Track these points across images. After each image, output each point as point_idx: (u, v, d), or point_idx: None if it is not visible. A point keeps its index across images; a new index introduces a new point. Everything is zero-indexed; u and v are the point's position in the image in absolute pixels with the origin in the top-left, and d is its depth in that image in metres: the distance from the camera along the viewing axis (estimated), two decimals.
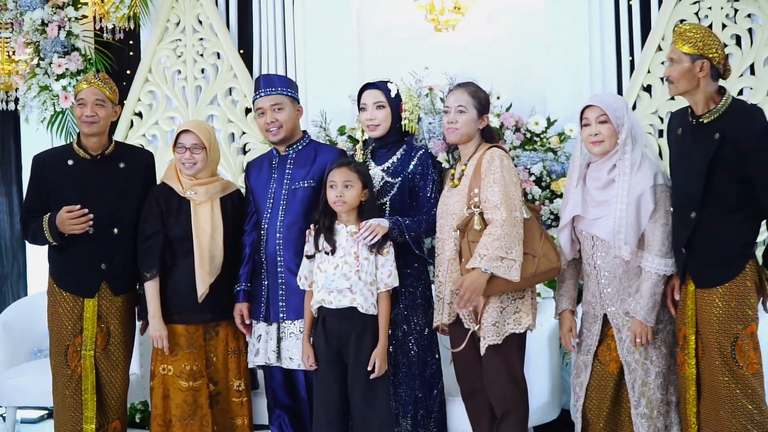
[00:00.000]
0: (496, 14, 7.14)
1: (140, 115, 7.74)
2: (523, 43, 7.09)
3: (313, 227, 5.31)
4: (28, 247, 8.10)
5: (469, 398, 5.38)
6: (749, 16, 6.40)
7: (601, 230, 4.91)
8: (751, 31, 6.40)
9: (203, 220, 5.49)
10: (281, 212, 5.52)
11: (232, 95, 7.56)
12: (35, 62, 7.67)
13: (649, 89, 6.58)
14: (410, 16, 6.96)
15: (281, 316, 5.50)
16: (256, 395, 5.96)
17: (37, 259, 7.89)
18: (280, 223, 5.50)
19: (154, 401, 5.58)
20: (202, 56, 7.59)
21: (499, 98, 6.65)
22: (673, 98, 6.14)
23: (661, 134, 6.48)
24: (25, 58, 7.74)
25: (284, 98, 5.55)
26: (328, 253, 5.23)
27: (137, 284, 5.69)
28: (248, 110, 7.01)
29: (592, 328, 5.10)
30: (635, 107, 6.57)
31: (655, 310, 4.80)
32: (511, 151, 6.47)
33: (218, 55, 7.57)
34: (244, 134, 7.44)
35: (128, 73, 7.82)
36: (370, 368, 5.16)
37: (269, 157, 5.74)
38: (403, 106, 5.50)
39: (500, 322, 5.05)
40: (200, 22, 7.59)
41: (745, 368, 4.61)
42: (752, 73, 6.39)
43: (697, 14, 6.51)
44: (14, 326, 6.84)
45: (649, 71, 6.60)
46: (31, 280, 8.22)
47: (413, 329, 5.41)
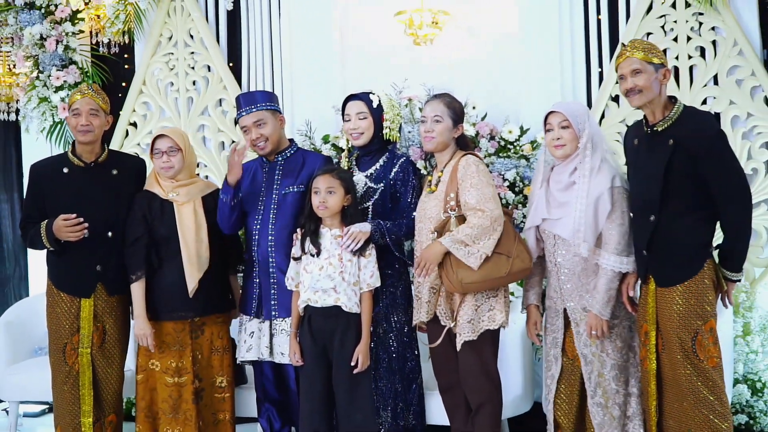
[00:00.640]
0: (471, 28, 7.12)
1: (135, 125, 7.74)
2: (497, 56, 7.07)
3: (299, 231, 5.34)
4: (29, 250, 8.09)
5: (446, 391, 5.41)
6: (713, 28, 6.41)
7: (562, 230, 4.96)
8: (714, 43, 6.41)
9: (187, 219, 5.51)
10: (272, 216, 5.54)
11: (222, 106, 7.56)
12: (35, 75, 7.67)
13: (617, 99, 6.60)
14: (390, 30, 6.94)
15: (273, 313, 5.53)
16: (245, 389, 5.99)
17: (37, 262, 7.89)
18: (271, 226, 5.53)
19: (140, 394, 5.61)
20: (193, 69, 7.59)
21: (474, 108, 6.67)
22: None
23: None
24: (25, 71, 7.73)
25: (265, 113, 5.56)
26: (313, 255, 5.25)
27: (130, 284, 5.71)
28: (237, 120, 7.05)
29: (555, 322, 5.16)
30: (604, 116, 6.59)
31: (609, 304, 4.85)
32: (486, 158, 6.48)
33: (209, 68, 7.57)
34: (233, 142, 7.45)
35: (123, 85, 7.81)
36: (353, 364, 5.19)
37: (259, 162, 5.75)
38: (384, 116, 5.53)
39: (475, 319, 5.09)
40: (191, 36, 7.60)
41: (705, 362, 4.65)
42: (716, 83, 6.40)
43: (663, 27, 6.52)
44: (16, 325, 6.83)
45: (617, 82, 6.62)
46: (32, 282, 8.22)
47: (393, 327, 5.45)
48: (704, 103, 6.38)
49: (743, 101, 6.29)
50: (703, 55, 6.45)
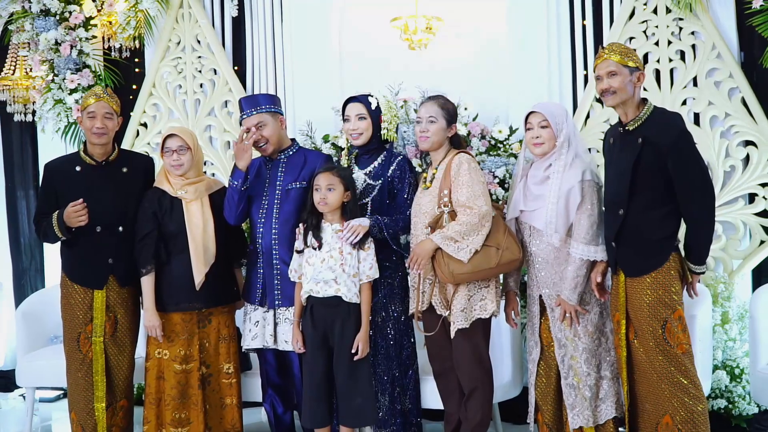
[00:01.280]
0: (463, 33, 7.12)
1: (145, 125, 7.74)
2: (487, 59, 7.08)
3: (302, 225, 5.37)
4: (44, 245, 8.11)
5: (440, 377, 5.44)
6: (693, 33, 6.38)
7: (536, 221, 5.03)
8: (694, 47, 6.39)
9: (195, 215, 5.53)
10: (276, 211, 5.56)
11: (227, 107, 7.55)
12: (50, 78, 7.68)
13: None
14: (386, 36, 6.92)
15: (277, 303, 5.55)
16: (249, 375, 6.02)
17: (52, 255, 7.95)
18: (275, 220, 5.55)
19: (148, 381, 5.62)
20: (200, 72, 7.59)
21: (466, 109, 6.65)
22: None
23: None
24: (41, 74, 7.73)
25: (266, 115, 5.59)
26: (315, 248, 5.29)
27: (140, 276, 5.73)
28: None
29: (533, 308, 5.21)
30: (589, 116, 6.58)
31: (576, 290, 4.90)
32: (477, 156, 6.48)
33: (215, 71, 7.56)
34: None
35: (134, 87, 7.81)
36: (353, 351, 5.22)
37: (262, 160, 5.76)
38: (382, 117, 5.55)
39: (468, 308, 5.12)
40: (198, 41, 7.59)
41: (675, 348, 4.70)
42: (695, 85, 6.38)
43: (645, 32, 6.49)
44: (32, 315, 6.87)
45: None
46: (47, 274, 8.24)
47: (391, 316, 5.48)
48: (684, 103, 6.38)
49: (721, 102, 6.29)
50: (683, 58, 6.43)
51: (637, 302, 4.77)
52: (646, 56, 6.52)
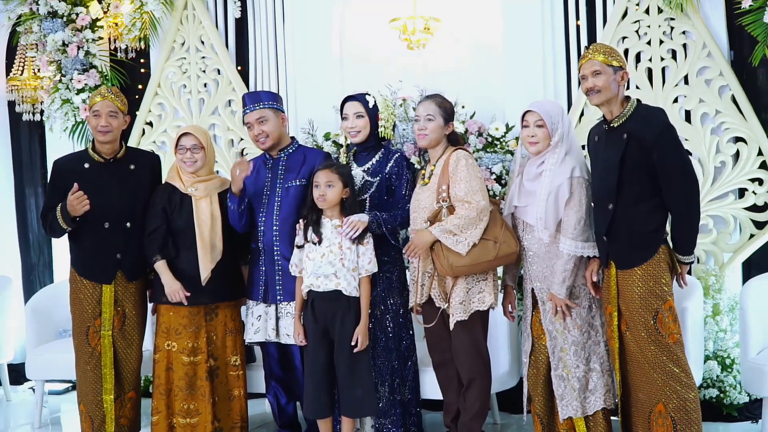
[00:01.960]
0: (460, 33, 7.13)
1: (151, 124, 7.74)
2: (484, 59, 7.08)
3: (302, 221, 5.39)
4: (53, 241, 8.14)
5: (439, 367, 5.48)
6: (684, 32, 6.39)
7: (528, 216, 5.06)
8: (685, 46, 6.39)
9: (204, 213, 5.55)
10: (276, 208, 5.59)
11: (231, 106, 7.56)
12: (57, 78, 7.68)
13: None
14: (385, 36, 6.93)
15: (279, 297, 5.59)
16: (253, 368, 6.07)
17: (61, 251, 7.97)
18: (276, 217, 5.58)
19: (156, 372, 5.65)
20: (204, 72, 7.60)
21: (464, 107, 6.68)
22: None
23: None
24: (48, 74, 7.74)
25: (268, 111, 5.62)
26: (315, 243, 5.31)
27: (148, 271, 5.77)
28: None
29: (526, 301, 5.25)
30: (583, 114, 6.60)
31: (564, 285, 4.93)
32: (474, 153, 6.50)
33: (218, 71, 7.57)
34: (242, 140, 7.46)
35: (140, 87, 7.82)
36: (353, 343, 5.25)
37: (262, 159, 5.79)
38: (380, 115, 5.58)
39: (466, 300, 5.16)
40: (202, 42, 7.60)
41: (667, 338, 4.73)
42: (686, 83, 6.40)
43: (637, 32, 6.50)
44: (41, 310, 6.91)
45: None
46: (56, 269, 8.26)
47: (390, 309, 5.51)
48: (675, 101, 6.40)
49: (712, 99, 6.31)
50: (674, 57, 6.45)
51: (628, 294, 4.81)
52: (638, 55, 6.55)
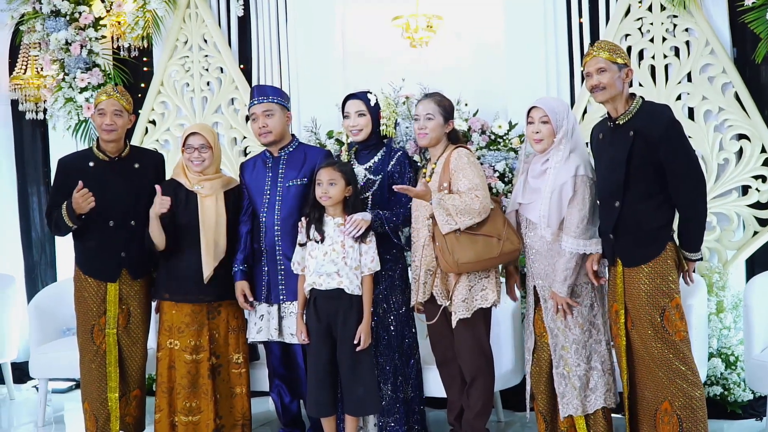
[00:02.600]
0: (463, 31, 7.15)
1: (154, 122, 7.76)
2: (487, 56, 7.09)
3: (304, 219, 5.38)
4: (56, 239, 8.16)
5: (442, 365, 5.49)
6: (687, 30, 6.40)
7: (532, 213, 5.07)
8: (688, 43, 6.40)
9: (209, 211, 5.55)
10: (278, 207, 5.58)
11: (234, 105, 7.57)
12: (61, 77, 7.70)
13: None
14: (388, 34, 6.96)
15: (281, 297, 5.59)
16: (256, 366, 6.06)
17: (64, 249, 7.98)
18: (277, 216, 5.57)
19: (159, 370, 5.65)
20: (207, 71, 7.61)
21: (466, 105, 6.70)
22: None
23: None
24: (51, 73, 7.76)
25: (274, 106, 5.62)
26: (318, 241, 5.31)
27: (152, 269, 5.78)
28: (248, 118, 7.05)
29: (528, 298, 5.25)
30: (586, 111, 6.60)
31: (566, 283, 4.92)
32: (477, 151, 6.52)
33: (221, 69, 7.58)
34: (244, 138, 7.47)
35: (143, 86, 7.84)
36: (356, 342, 5.25)
37: (262, 157, 5.80)
38: (381, 113, 5.60)
39: (469, 298, 5.16)
40: (205, 41, 7.61)
41: (674, 335, 4.72)
42: (689, 80, 6.41)
43: (640, 29, 6.51)
44: (45, 308, 6.92)
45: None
46: (59, 268, 8.28)
47: (392, 307, 5.52)
48: (679, 98, 6.41)
49: (715, 97, 6.32)
50: (677, 54, 6.45)
51: (635, 292, 4.81)
52: (641, 53, 6.56)
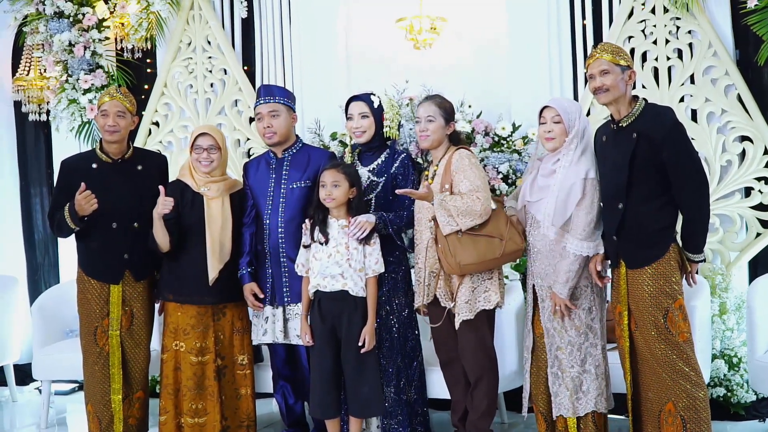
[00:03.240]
0: (466, 33, 7.17)
1: (157, 124, 7.76)
2: (490, 58, 7.12)
3: (308, 221, 5.40)
4: (59, 241, 8.16)
5: (446, 366, 5.52)
6: (690, 32, 6.41)
7: (538, 211, 5.06)
8: (691, 45, 6.42)
9: (215, 212, 5.56)
10: (281, 209, 5.60)
11: (237, 106, 7.58)
12: (64, 78, 7.69)
13: None
14: (392, 36, 6.98)
15: (286, 299, 5.61)
16: (260, 368, 6.09)
17: (66, 251, 7.98)
18: (281, 218, 5.59)
19: (165, 372, 5.67)
20: (210, 72, 7.61)
21: (470, 107, 6.71)
22: None
23: None
24: (55, 75, 7.76)
25: (280, 106, 5.63)
26: (322, 243, 5.33)
27: (155, 271, 5.80)
28: (252, 119, 7.06)
29: (528, 298, 5.27)
30: (589, 113, 6.59)
31: (567, 285, 4.93)
32: (480, 152, 6.55)
33: (225, 71, 7.58)
34: (248, 140, 7.48)
35: (146, 87, 7.85)
36: (360, 344, 5.27)
37: (266, 158, 5.81)
38: (384, 115, 5.60)
39: (472, 300, 5.19)
40: (209, 42, 7.62)
41: (677, 336, 4.73)
42: (692, 82, 6.42)
43: (643, 31, 6.52)
44: (48, 310, 6.93)
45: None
46: (61, 269, 8.27)
47: (395, 309, 5.53)
48: (682, 100, 6.43)
49: (718, 98, 6.34)
50: (680, 56, 6.47)
51: (638, 293, 4.82)
52: (644, 55, 6.57)
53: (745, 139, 6.34)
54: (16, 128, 8.43)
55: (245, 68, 7.63)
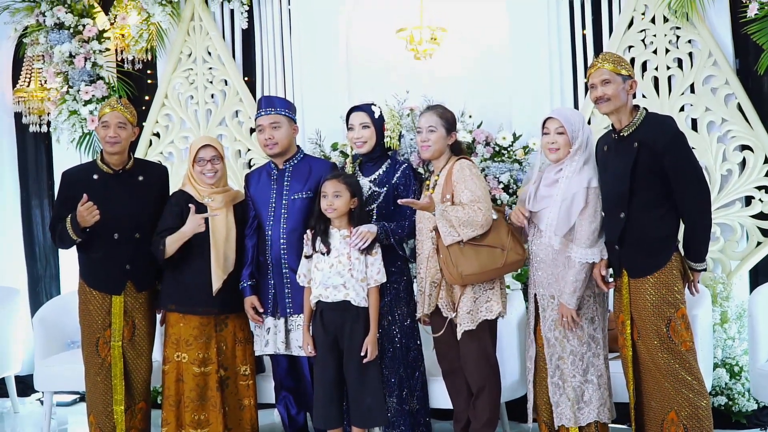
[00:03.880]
0: (467, 43, 7.18)
1: (158, 135, 7.77)
2: (490, 68, 7.12)
3: (310, 231, 5.41)
4: (60, 252, 8.16)
5: (448, 376, 5.51)
6: (690, 41, 6.44)
7: (541, 221, 5.07)
8: (691, 54, 6.44)
9: (219, 223, 5.58)
10: (283, 220, 5.60)
11: (238, 117, 7.58)
12: (65, 90, 7.70)
13: None
14: (392, 46, 6.98)
15: (288, 310, 5.61)
16: (262, 378, 6.08)
17: (67, 262, 7.99)
18: (282, 229, 5.59)
19: (167, 383, 5.68)
20: (211, 83, 7.62)
21: (471, 117, 6.72)
22: None
23: None
24: (55, 86, 7.77)
25: (282, 118, 5.64)
26: (324, 253, 5.34)
27: (157, 281, 5.82)
28: (253, 130, 7.06)
29: (530, 307, 5.27)
30: (590, 123, 6.59)
31: (575, 294, 4.94)
32: (481, 162, 6.56)
33: (225, 82, 7.59)
34: (249, 151, 7.49)
35: (147, 98, 7.85)
36: (362, 354, 5.28)
37: (267, 169, 5.81)
38: (385, 125, 5.61)
39: (474, 310, 5.18)
40: (209, 53, 7.62)
41: (680, 345, 4.75)
42: (692, 91, 6.44)
43: (643, 41, 6.55)
44: (49, 321, 6.90)
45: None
46: (62, 281, 8.27)
47: (397, 319, 5.52)
48: (682, 110, 6.44)
49: (718, 108, 6.36)
50: (680, 65, 6.49)
51: (641, 302, 4.83)
52: (644, 64, 6.59)
53: (745, 148, 6.36)
54: (16, 139, 8.43)
55: (246, 79, 7.64)
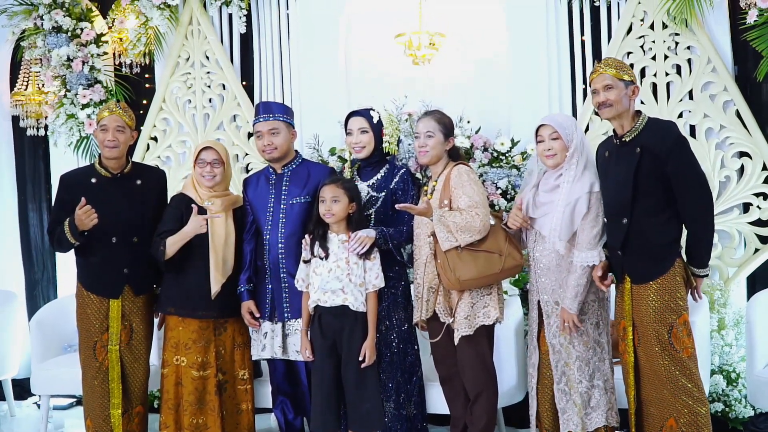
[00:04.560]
0: (465, 49, 7.19)
1: (155, 139, 7.77)
2: (489, 74, 7.14)
3: (308, 236, 5.40)
4: (57, 256, 8.17)
5: (446, 382, 5.50)
6: (688, 48, 6.45)
7: (542, 227, 5.07)
8: (690, 61, 6.45)
9: (219, 227, 5.58)
10: (281, 225, 5.59)
11: (236, 121, 7.59)
12: (62, 93, 7.71)
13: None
14: (391, 51, 6.98)
15: (286, 315, 5.60)
16: (260, 383, 6.09)
17: (64, 266, 7.98)
18: (281, 234, 5.58)
19: (166, 387, 5.68)
20: (209, 87, 7.63)
21: (469, 122, 6.73)
22: None
23: None
24: (53, 89, 7.77)
25: (280, 123, 5.62)
26: (322, 258, 5.33)
27: (155, 285, 5.82)
28: (251, 134, 7.05)
29: (532, 314, 5.26)
30: (588, 129, 6.62)
31: (577, 299, 4.93)
32: (479, 168, 6.57)
33: (223, 86, 7.60)
34: (247, 155, 7.49)
35: (144, 102, 7.86)
36: (360, 359, 5.27)
37: (265, 174, 5.81)
38: (384, 130, 5.60)
39: (471, 315, 5.18)
40: (207, 57, 7.63)
41: (681, 352, 4.74)
42: (691, 98, 6.45)
43: (642, 47, 6.56)
44: (46, 325, 6.90)
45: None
46: (59, 284, 8.27)
47: (394, 324, 5.51)
48: (680, 116, 6.46)
49: (716, 114, 6.37)
50: (679, 72, 6.50)
51: (643, 308, 4.83)
52: (643, 70, 6.61)
53: (743, 154, 6.38)
54: (14, 143, 8.44)
55: (244, 83, 7.64)
